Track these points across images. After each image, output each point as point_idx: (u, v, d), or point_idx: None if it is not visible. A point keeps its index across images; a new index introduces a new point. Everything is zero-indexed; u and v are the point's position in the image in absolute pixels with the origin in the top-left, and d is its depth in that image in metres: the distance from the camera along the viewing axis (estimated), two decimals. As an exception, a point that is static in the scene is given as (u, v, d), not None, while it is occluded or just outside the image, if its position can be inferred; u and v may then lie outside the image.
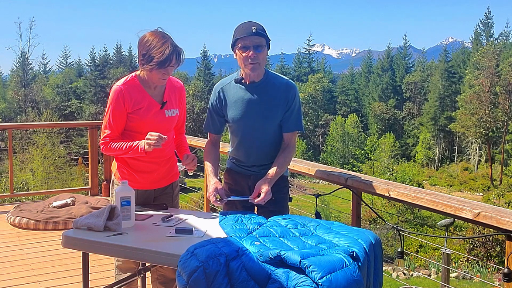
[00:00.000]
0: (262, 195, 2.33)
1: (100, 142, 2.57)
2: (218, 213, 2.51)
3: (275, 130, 2.51)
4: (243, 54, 2.38)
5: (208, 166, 2.58)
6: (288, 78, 2.54)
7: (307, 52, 62.20)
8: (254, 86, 2.48)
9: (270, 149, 2.55)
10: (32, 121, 34.80)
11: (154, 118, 2.56)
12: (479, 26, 52.77)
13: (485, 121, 42.46)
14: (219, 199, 2.43)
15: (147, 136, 2.39)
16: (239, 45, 2.38)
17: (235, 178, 2.65)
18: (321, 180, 3.80)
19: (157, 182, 2.69)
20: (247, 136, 2.54)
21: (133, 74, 2.59)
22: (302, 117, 2.57)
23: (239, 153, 2.61)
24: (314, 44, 65.86)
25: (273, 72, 2.55)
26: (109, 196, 4.12)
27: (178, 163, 2.85)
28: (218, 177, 2.51)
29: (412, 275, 14.72)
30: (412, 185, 18.28)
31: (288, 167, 2.76)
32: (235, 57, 2.46)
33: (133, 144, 2.47)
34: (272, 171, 2.43)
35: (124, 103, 2.50)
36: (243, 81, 2.50)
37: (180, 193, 3.12)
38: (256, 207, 2.60)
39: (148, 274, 2.81)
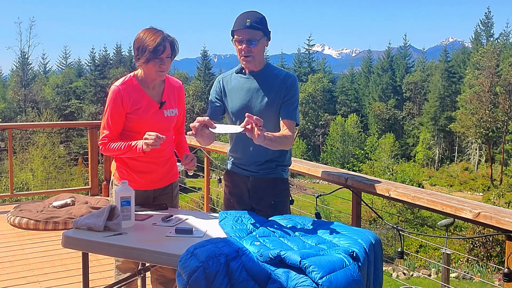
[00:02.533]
0: (253, 117, 2.02)
1: (99, 142, 2.57)
2: (218, 213, 2.51)
3: (274, 122, 2.45)
4: (238, 47, 2.40)
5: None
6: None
7: (307, 52, 62.18)
8: (254, 75, 2.47)
9: None
10: (32, 121, 34.79)
11: (153, 118, 2.55)
12: (479, 26, 52.81)
13: (485, 121, 42.45)
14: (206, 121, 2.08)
15: (145, 136, 2.38)
16: (234, 37, 2.39)
17: (234, 180, 2.62)
18: (321, 180, 3.79)
19: (157, 182, 2.68)
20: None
21: (132, 74, 2.59)
22: (298, 111, 2.53)
23: (238, 147, 2.57)
24: (314, 44, 65.82)
25: (274, 65, 2.55)
26: (109, 196, 4.12)
27: (177, 163, 2.84)
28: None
29: (412, 275, 14.71)
30: (412, 185, 18.28)
31: (288, 167, 2.74)
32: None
33: (131, 144, 2.47)
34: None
35: (123, 103, 2.50)
36: (243, 70, 2.50)
37: (180, 193, 3.12)
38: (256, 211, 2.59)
39: (148, 274, 2.80)
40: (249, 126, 2.01)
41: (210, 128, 2.06)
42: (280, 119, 2.43)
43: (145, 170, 2.62)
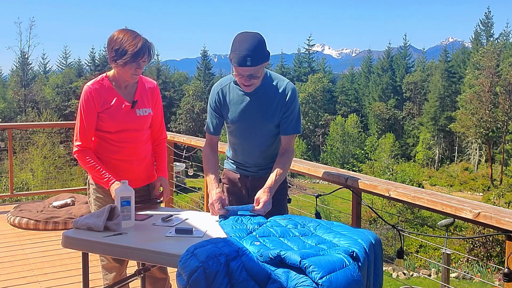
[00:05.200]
0: (261, 204, 2.31)
1: (74, 150, 2.58)
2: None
3: (274, 131, 2.49)
4: (238, 77, 2.35)
5: (208, 173, 2.51)
6: (288, 80, 2.51)
7: (307, 52, 62.18)
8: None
9: (269, 151, 2.54)
10: (32, 121, 34.77)
11: (125, 117, 2.56)
12: (479, 26, 52.83)
13: (485, 121, 42.44)
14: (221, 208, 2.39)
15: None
16: (233, 68, 2.33)
17: (233, 179, 2.64)
18: (321, 180, 3.79)
19: (131, 182, 2.54)
20: (246, 137, 2.52)
21: (104, 75, 2.61)
22: (301, 119, 2.55)
23: (237, 154, 2.60)
24: (314, 44, 65.85)
25: (273, 72, 2.52)
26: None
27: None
28: (219, 185, 2.48)
29: (412, 275, 14.72)
30: (412, 185, 18.29)
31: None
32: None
33: (106, 174, 2.51)
34: (271, 179, 2.39)
35: (94, 103, 2.52)
36: None
37: (180, 193, 3.13)
38: None
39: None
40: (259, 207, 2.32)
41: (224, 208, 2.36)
42: (281, 134, 2.48)
43: (119, 169, 2.59)
